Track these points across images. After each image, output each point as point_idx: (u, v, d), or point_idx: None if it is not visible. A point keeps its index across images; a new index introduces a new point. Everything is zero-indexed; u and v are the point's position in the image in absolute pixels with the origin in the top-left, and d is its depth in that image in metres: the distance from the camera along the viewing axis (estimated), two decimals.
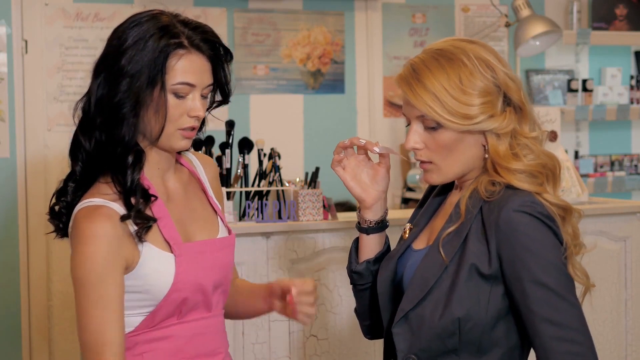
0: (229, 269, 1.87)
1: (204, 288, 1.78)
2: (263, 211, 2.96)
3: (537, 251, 1.64)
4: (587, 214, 3.30)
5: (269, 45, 4.30)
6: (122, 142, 1.73)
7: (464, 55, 1.71)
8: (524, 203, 1.66)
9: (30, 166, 3.86)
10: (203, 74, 1.77)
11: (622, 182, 4.80)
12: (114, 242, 1.68)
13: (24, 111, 3.87)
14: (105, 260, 1.67)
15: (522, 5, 4.09)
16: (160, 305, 1.74)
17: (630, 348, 3.38)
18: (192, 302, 1.77)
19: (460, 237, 1.70)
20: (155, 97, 1.72)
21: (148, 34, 1.72)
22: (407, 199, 4.36)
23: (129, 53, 1.71)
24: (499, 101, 1.71)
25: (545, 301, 1.63)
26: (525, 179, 1.71)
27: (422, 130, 1.74)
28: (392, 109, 4.52)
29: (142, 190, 1.74)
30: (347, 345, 3.02)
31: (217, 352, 1.84)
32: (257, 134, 3.94)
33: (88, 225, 1.69)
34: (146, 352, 1.76)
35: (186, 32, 1.75)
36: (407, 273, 1.79)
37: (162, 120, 1.73)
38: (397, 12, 4.51)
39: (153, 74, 1.71)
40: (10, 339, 3.84)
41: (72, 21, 3.95)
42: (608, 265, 3.34)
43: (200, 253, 1.79)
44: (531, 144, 1.73)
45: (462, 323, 1.66)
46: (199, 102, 1.77)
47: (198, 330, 1.80)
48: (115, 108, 1.72)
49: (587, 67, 4.90)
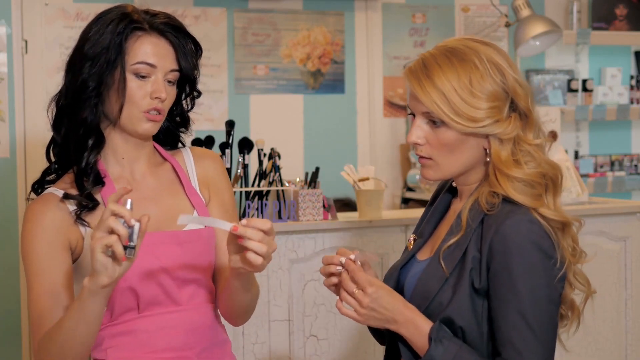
0: (201, 263, 1.84)
1: (159, 280, 1.78)
2: (263, 211, 2.96)
3: (524, 278, 1.63)
4: (587, 214, 3.31)
5: (269, 45, 4.30)
6: (84, 123, 1.79)
7: (477, 57, 1.70)
8: (521, 223, 1.65)
9: (30, 166, 3.86)
10: (164, 56, 1.80)
11: (622, 182, 4.80)
12: (50, 223, 1.76)
13: (24, 111, 3.87)
14: (44, 239, 1.75)
15: (522, 5, 4.09)
16: (113, 296, 1.75)
17: (630, 348, 3.38)
18: (146, 294, 1.77)
19: (461, 250, 1.69)
20: (117, 78, 1.77)
21: (109, 20, 1.79)
22: (407, 199, 4.36)
23: (92, 39, 1.78)
24: (505, 106, 1.70)
25: (515, 326, 1.63)
26: (522, 189, 1.69)
27: (425, 126, 1.73)
28: (392, 109, 4.52)
29: (96, 173, 1.80)
30: (347, 345, 3.02)
31: (190, 347, 1.82)
32: (257, 134, 3.94)
33: (28, 209, 1.80)
34: (111, 347, 1.78)
35: (147, 17, 1.80)
36: (409, 283, 1.79)
37: (121, 99, 1.77)
38: (397, 12, 4.51)
39: (113, 54, 1.76)
40: (10, 339, 3.84)
41: (72, 21, 3.95)
42: (608, 265, 3.34)
43: (153, 244, 1.77)
44: (534, 151, 1.72)
45: (465, 334, 1.67)
46: (161, 84, 1.79)
47: (164, 324, 1.80)
48: (78, 91, 1.78)
49: (587, 67, 4.90)
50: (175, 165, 1.92)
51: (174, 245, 1.81)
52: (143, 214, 1.54)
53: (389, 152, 4.51)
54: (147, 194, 1.85)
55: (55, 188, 1.82)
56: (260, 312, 2.90)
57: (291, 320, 2.96)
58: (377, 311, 1.67)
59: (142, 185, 1.86)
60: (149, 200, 1.85)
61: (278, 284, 2.94)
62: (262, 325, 2.91)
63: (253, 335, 2.91)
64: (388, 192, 4.36)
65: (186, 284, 1.83)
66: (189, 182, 1.91)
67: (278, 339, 2.94)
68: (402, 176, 4.46)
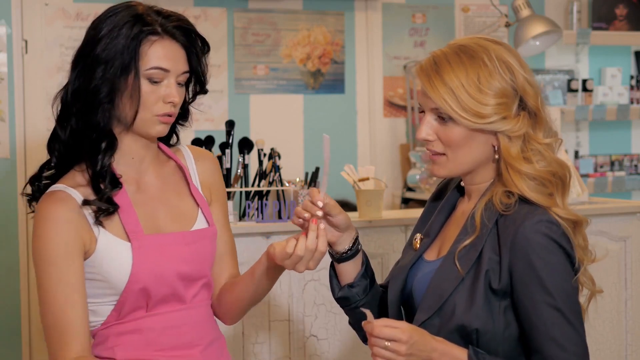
0: (205, 261, 1.87)
1: (169, 280, 1.79)
2: (263, 211, 2.96)
3: (552, 275, 1.66)
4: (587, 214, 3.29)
5: (269, 45, 4.30)
6: (97, 127, 1.78)
7: (486, 54, 1.71)
8: (541, 223, 1.66)
9: (30, 166, 3.86)
10: (177, 60, 1.80)
11: (622, 182, 4.79)
12: (67, 224, 1.74)
13: (24, 111, 3.87)
14: (60, 242, 1.72)
15: (522, 5, 4.09)
16: (125, 296, 1.76)
17: (630, 348, 3.38)
18: (157, 295, 1.78)
19: (477, 250, 1.70)
20: (130, 83, 1.76)
21: (122, 22, 1.77)
22: (407, 199, 4.36)
23: (104, 41, 1.76)
24: (514, 104, 1.71)
25: (554, 322, 1.66)
26: (535, 187, 1.70)
27: (434, 122, 1.74)
28: (392, 109, 4.52)
29: (112, 176, 1.79)
30: (347, 345, 3.02)
31: (194, 344, 1.84)
32: (257, 134, 3.94)
33: (42, 208, 1.76)
34: (117, 345, 1.78)
35: (159, 19, 1.78)
36: (418, 284, 1.79)
37: (135, 105, 1.76)
38: (397, 12, 4.51)
39: (127, 60, 1.75)
40: (10, 339, 3.84)
41: (72, 21, 3.95)
42: (608, 265, 3.33)
43: (163, 245, 1.80)
44: (544, 150, 1.73)
45: (480, 335, 1.68)
46: (174, 88, 1.79)
47: (170, 322, 1.81)
48: (91, 95, 1.77)
49: (587, 67, 4.89)
50: (180, 165, 1.93)
51: (183, 245, 1.83)
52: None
53: (389, 152, 4.51)
54: (154, 194, 1.86)
55: (65, 186, 1.79)
56: (260, 312, 2.90)
57: (291, 320, 2.96)
58: (415, 355, 1.65)
59: (149, 185, 1.86)
60: (157, 200, 1.86)
61: (278, 284, 2.94)
62: (262, 325, 2.91)
63: (253, 335, 2.91)
64: (388, 192, 4.36)
65: (193, 282, 1.85)
66: (192, 182, 1.92)
67: (278, 339, 2.94)
68: (402, 176, 4.46)
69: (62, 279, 1.72)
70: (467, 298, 1.68)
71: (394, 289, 1.84)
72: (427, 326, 1.72)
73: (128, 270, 1.75)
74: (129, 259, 1.76)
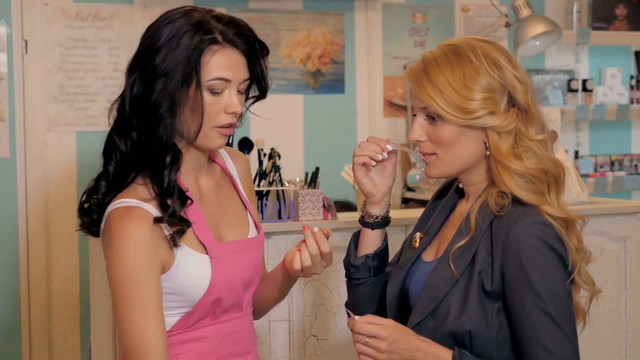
0: (259, 268, 1.86)
1: (237, 289, 1.78)
2: (263, 211, 2.96)
3: (543, 278, 1.64)
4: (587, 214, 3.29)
5: (269, 45, 4.28)
6: (159, 143, 1.70)
7: (472, 52, 1.72)
8: (533, 225, 1.65)
9: (30, 166, 3.86)
10: (238, 68, 1.74)
11: (622, 182, 4.80)
12: (149, 244, 1.66)
13: (24, 111, 3.87)
14: (142, 262, 1.64)
15: (522, 5, 4.09)
16: (197, 307, 1.72)
17: (630, 348, 3.38)
18: (226, 303, 1.76)
19: (471, 252, 1.69)
20: (191, 96, 1.69)
21: (181, 31, 1.69)
22: (407, 199, 4.36)
23: (163, 52, 1.68)
24: (502, 100, 1.71)
25: (543, 326, 1.64)
26: (523, 185, 1.69)
27: (425, 123, 1.75)
28: (392, 109, 4.52)
29: (179, 191, 1.71)
30: (348, 345, 3.02)
31: (248, 351, 1.83)
32: (257, 134, 3.93)
33: (123, 226, 1.66)
34: (181, 353, 1.74)
35: (220, 27, 1.71)
36: (414, 284, 1.79)
37: (199, 118, 1.70)
38: (397, 12, 4.51)
39: (187, 71, 1.67)
40: (10, 339, 3.84)
41: (72, 21, 3.95)
42: (608, 265, 3.33)
43: (234, 253, 1.78)
44: (536, 147, 1.72)
45: (473, 337, 1.67)
46: (235, 97, 1.74)
47: (231, 330, 1.79)
48: (151, 109, 1.69)
49: (587, 67, 4.90)
50: (223, 167, 1.90)
51: (247, 252, 1.81)
52: None
53: None
54: (212, 201, 1.82)
55: (138, 201, 1.69)
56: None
57: (291, 320, 2.96)
58: (396, 352, 1.65)
59: (207, 192, 1.82)
60: (216, 207, 1.82)
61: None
62: (262, 325, 2.91)
63: None
64: None
65: (249, 289, 1.84)
66: (237, 183, 1.90)
67: (278, 339, 2.94)
68: (402, 176, 4.46)
69: (142, 300, 1.65)
70: (461, 300, 1.67)
71: (392, 289, 1.84)
72: (422, 328, 1.71)
73: (207, 283, 1.71)
74: (208, 271, 1.72)
